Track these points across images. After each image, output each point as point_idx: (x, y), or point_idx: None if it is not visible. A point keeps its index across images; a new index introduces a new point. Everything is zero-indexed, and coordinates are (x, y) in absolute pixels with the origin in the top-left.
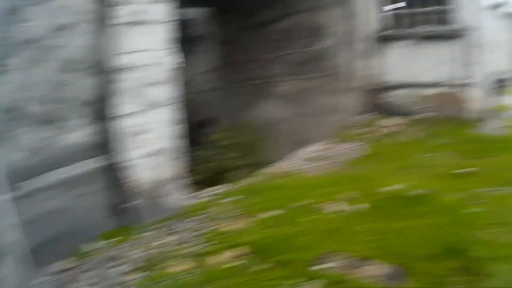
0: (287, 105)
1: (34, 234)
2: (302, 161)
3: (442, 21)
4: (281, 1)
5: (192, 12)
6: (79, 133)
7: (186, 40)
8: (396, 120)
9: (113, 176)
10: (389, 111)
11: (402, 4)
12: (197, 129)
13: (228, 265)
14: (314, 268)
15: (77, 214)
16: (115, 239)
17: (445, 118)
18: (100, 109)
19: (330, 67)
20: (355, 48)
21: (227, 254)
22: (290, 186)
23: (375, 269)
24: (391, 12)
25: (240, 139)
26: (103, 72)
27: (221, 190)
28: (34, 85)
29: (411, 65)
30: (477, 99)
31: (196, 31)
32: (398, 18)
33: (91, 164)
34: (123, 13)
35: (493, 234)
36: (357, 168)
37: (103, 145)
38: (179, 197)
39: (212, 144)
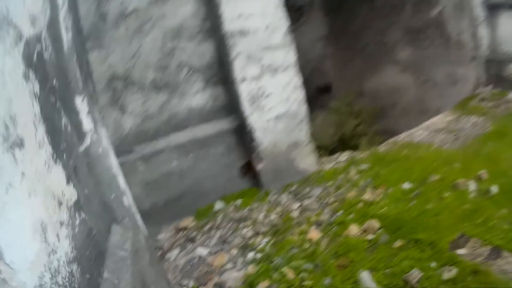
0: (404, 74)
1: (156, 194)
2: (425, 132)
3: None
4: None
5: None
6: (198, 98)
7: (295, 8)
8: None
9: (236, 139)
10: None
11: None
12: (315, 95)
13: (357, 239)
14: (449, 253)
15: (199, 175)
16: (238, 201)
17: None
18: (219, 74)
19: (447, 35)
20: (473, 16)
21: (355, 227)
22: (416, 158)
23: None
24: None
25: (360, 107)
26: (218, 37)
27: (345, 158)
28: (145, 53)
29: None
30: None
31: None
32: None
33: (213, 127)
34: None
35: None
36: (483, 145)
37: (225, 109)
38: (304, 163)
39: (333, 111)
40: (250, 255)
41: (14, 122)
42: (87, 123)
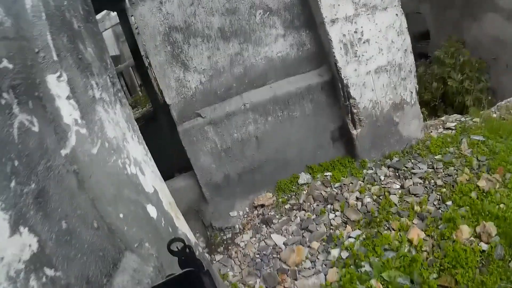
0: (509, 22)
1: (229, 164)
2: None
3: None
4: None
5: None
6: (278, 46)
7: None
8: None
9: (327, 96)
10: None
11: None
12: (414, 43)
13: (467, 247)
14: None
15: (282, 142)
16: (327, 174)
17: None
18: (303, 15)
19: None
20: None
21: (466, 230)
22: None
23: None
24: None
25: (465, 59)
26: None
27: (454, 124)
28: None
29: None
30: None
31: None
32: None
33: (297, 81)
34: None
35: None
36: None
37: (312, 59)
38: (408, 128)
39: (435, 62)
40: (334, 252)
41: None
42: (67, 113)
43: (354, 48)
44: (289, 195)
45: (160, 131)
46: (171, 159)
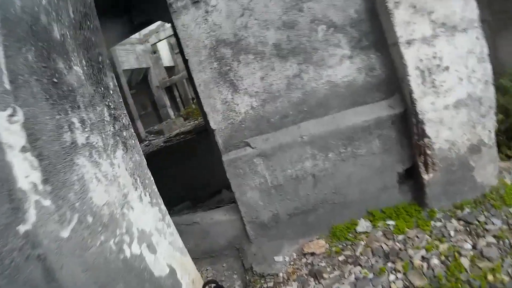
0: None
1: (279, 202)
2: None
3: None
4: None
5: None
6: (343, 69)
7: None
8: None
9: (397, 132)
10: None
11: None
12: None
13: None
14: None
15: (341, 181)
16: (391, 222)
17: None
18: (371, 34)
19: None
20: None
21: None
22: None
23: None
24: None
25: None
26: None
27: None
28: (260, 6)
29: None
30: None
31: None
32: None
33: (365, 113)
34: None
35: None
36: None
37: (382, 87)
38: (482, 174)
39: (498, 91)
40: None
41: None
42: (23, 173)
43: (432, 77)
44: (344, 244)
45: (211, 144)
46: (221, 174)
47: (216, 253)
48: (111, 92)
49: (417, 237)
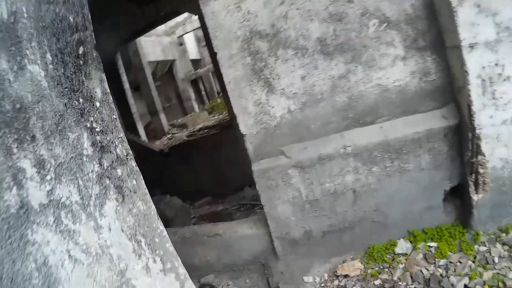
0: None
1: (313, 218)
2: None
3: None
4: None
5: None
6: (395, 71)
7: None
8: None
9: (449, 146)
10: None
11: None
12: None
13: None
14: None
15: (385, 199)
16: (433, 244)
17: None
18: (429, 33)
19: None
20: None
21: None
22: None
23: None
24: None
25: None
26: None
27: None
28: None
29: None
30: None
31: None
32: None
33: (417, 123)
34: None
35: None
36: None
37: (438, 94)
38: None
39: None
40: None
41: None
42: None
43: (492, 87)
44: (381, 267)
45: (236, 139)
46: (245, 170)
47: (239, 267)
48: (97, 105)
49: (460, 262)
